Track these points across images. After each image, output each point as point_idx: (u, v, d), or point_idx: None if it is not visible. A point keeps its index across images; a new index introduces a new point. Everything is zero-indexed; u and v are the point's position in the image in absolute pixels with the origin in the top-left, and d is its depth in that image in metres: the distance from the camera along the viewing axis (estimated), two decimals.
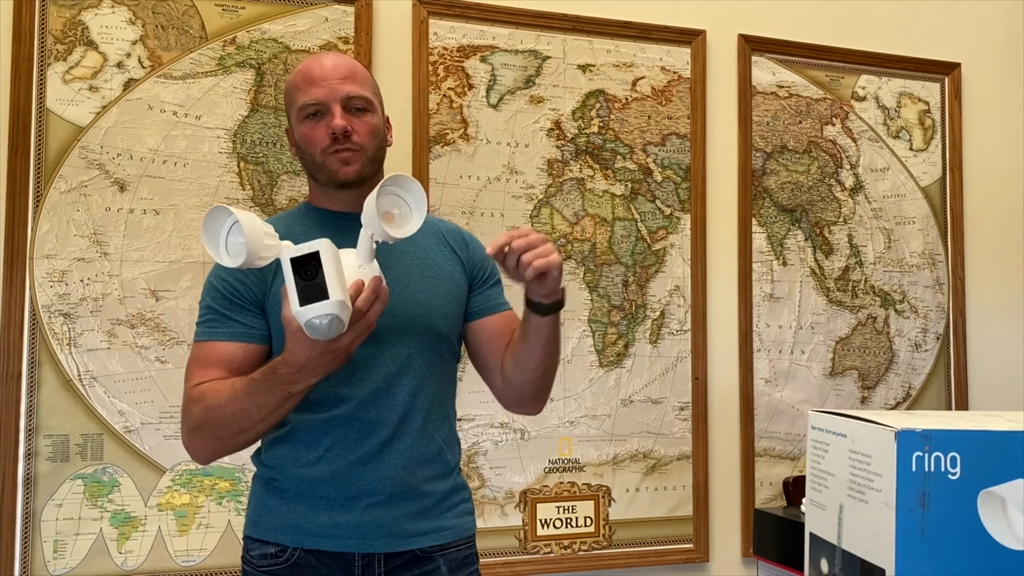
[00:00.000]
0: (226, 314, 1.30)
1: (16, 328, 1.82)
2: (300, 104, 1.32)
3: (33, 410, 1.83)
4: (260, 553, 1.31)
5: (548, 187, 2.21)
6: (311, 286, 1.04)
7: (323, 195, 1.37)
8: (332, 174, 1.32)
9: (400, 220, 1.17)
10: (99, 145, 1.90)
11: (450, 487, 1.37)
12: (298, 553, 1.29)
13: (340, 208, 1.36)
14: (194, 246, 1.94)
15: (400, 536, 1.30)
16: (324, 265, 1.04)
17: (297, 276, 1.05)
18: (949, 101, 2.60)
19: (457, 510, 1.37)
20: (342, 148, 1.30)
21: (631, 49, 2.30)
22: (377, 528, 1.29)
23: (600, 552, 2.21)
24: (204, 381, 1.27)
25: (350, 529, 1.28)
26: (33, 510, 1.82)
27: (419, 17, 2.11)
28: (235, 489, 1.94)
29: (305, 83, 1.32)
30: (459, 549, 1.36)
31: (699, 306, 2.31)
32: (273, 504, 1.32)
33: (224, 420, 1.23)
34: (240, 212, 1.09)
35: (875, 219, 2.52)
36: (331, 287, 1.04)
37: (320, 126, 1.31)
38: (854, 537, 0.72)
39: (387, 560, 1.29)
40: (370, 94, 1.34)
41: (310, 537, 1.28)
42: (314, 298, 1.04)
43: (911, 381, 2.53)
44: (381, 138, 1.36)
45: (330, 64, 1.33)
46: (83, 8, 1.90)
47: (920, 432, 0.67)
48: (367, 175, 1.34)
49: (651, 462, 2.27)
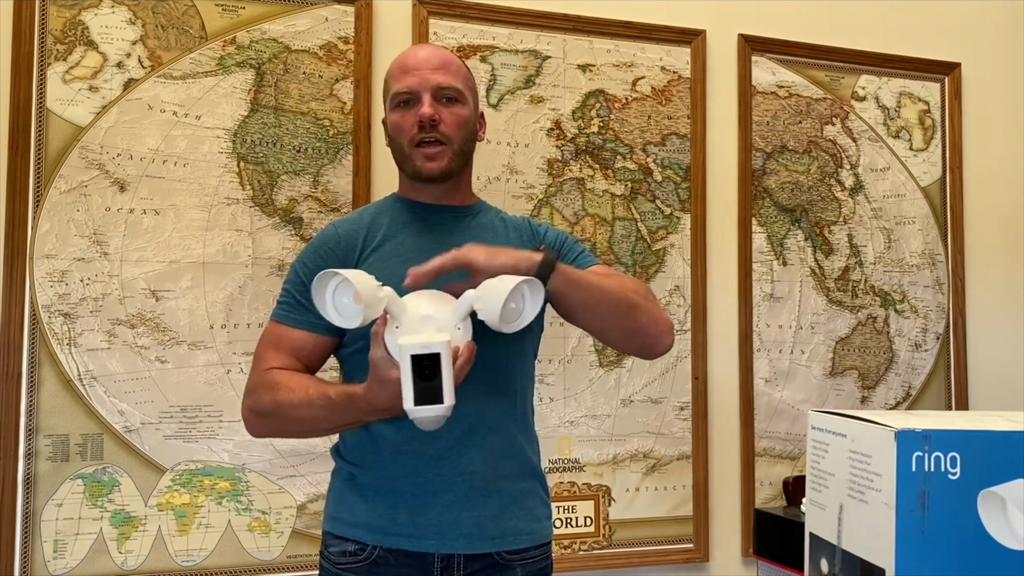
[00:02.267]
0: (302, 302, 1.32)
1: (16, 328, 1.82)
2: (393, 92, 1.34)
3: (33, 410, 1.83)
4: (340, 550, 1.31)
5: (548, 187, 2.21)
6: (428, 387, 1.06)
7: (410, 187, 1.38)
8: (417, 169, 1.33)
9: (510, 313, 1.18)
10: (99, 145, 1.90)
11: (530, 486, 1.35)
12: (378, 552, 1.28)
13: (427, 200, 1.37)
14: (194, 246, 1.94)
15: (479, 537, 1.29)
16: (443, 369, 1.06)
17: (416, 374, 1.06)
18: (949, 101, 2.60)
19: (537, 513, 1.36)
20: (429, 138, 1.31)
21: (631, 49, 2.30)
22: (456, 528, 1.28)
23: (600, 552, 2.21)
24: (276, 367, 1.29)
25: (430, 529, 1.27)
26: (33, 510, 1.82)
27: (419, 17, 2.11)
28: (235, 489, 1.94)
29: (400, 72, 1.33)
30: (536, 560, 1.35)
31: (699, 306, 2.31)
32: (353, 500, 1.31)
33: (293, 420, 1.26)
34: (346, 271, 1.10)
35: (875, 219, 2.52)
36: (446, 393, 1.07)
37: (410, 114, 1.32)
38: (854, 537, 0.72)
39: (466, 563, 1.28)
40: (462, 86, 1.35)
41: (390, 536, 1.28)
42: (429, 400, 1.06)
43: (911, 381, 2.53)
44: (470, 131, 1.36)
45: (424, 54, 1.34)
46: (83, 8, 1.90)
47: (920, 432, 0.67)
48: (453, 170, 1.34)
49: (651, 462, 2.27)
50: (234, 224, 1.97)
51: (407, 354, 1.06)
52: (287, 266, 1.98)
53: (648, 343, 1.32)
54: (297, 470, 1.98)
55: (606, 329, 1.31)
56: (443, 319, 1.14)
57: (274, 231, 2.00)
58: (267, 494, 1.96)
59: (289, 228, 2.01)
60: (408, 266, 1.28)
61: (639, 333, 1.30)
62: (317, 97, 2.04)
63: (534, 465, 1.37)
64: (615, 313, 1.28)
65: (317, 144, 2.03)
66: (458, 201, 1.40)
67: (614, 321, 1.28)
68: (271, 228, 1.99)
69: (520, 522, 1.33)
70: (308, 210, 2.02)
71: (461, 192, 1.40)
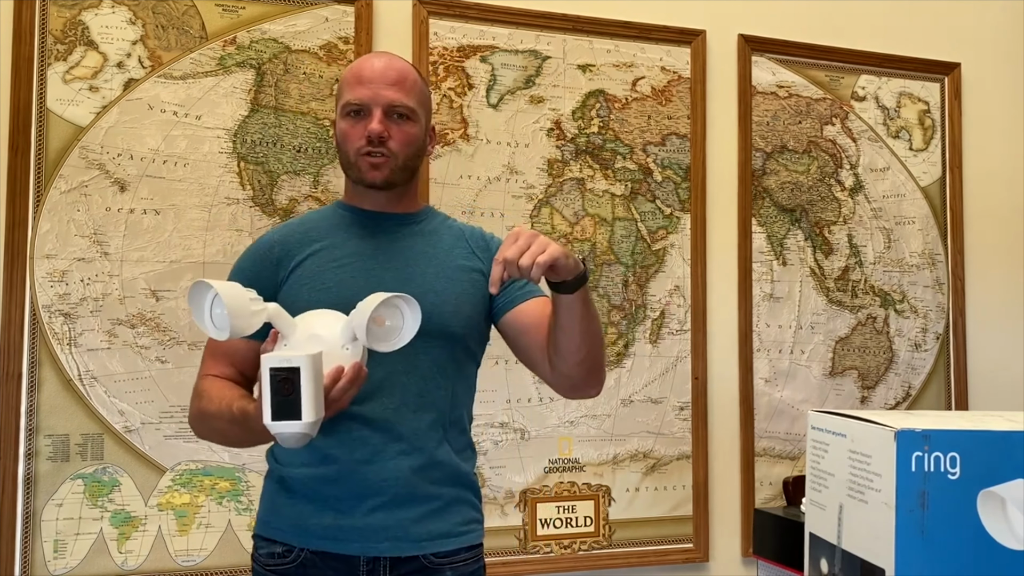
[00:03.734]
0: None
1: (16, 328, 1.82)
2: (344, 100, 1.34)
3: (33, 410, 1.83)
4: (268, 552, 1.32)
5: (548, 187, 2.21)
6: (285, 402, 1.03)
7: (355, 193, 1.39)
8: (361, 176, 1.34)
9: (388, 332, 1.15)
10: (99, 145, 1.90)
11: (458, 493, 1.35)
12: (304, 554, 1.29)
13: (370, 207, 1.38)
14: (194, 246, 1.94)
15: (406, 540, 1.29)
16: (303, 386, 1.03)
17: (273, 388, 1.04)
18: (949, 101, 2.60)
19: (466, 517, 1.36)
20: (375, 152, 1.31)
21: (631, 49, 2.30)
22: (382, 531, 1.28)
23: (600, 552, 2.21)
24: (212, 374, 1.32)
25: (355, 532, 1.27)
26: (33, 510, 1.82)
27: (419, 17, 2.12)
28: (235, 489, 1.94)
29: (354, 81, 1.33)
30: (467, 563, 1.34)
31: (699, 306, 2.31)
32: (281, 503, 1.32)
33: (212, 430, 1.33)
34: (220, 284, 1.08)
35: (875, 219, 2.52)
36: (305, 409, 1.03)
37: (359, 126, 1.32)
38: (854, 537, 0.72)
39: (392, 566, 1.29)
40: (415, 103, 1.35)
41: (316, 538, 1.28)
42: (287, 415, 1.03)
43: (911, 381, 2.54)
44: (417, 148, 1.37)
45: (380, 66, 1.33)
46: (83, 8, 1.90)
47: (920, 432, 0.67)
48: (396, 181, 1.35)
49: (651, 462, 2.27)
50: (234, 224, 1.97)
51: (266, 367, 1.04)
52: None
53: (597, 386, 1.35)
54: None
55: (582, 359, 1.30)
56: (331, 339, 1.12)
57: None
58: None
59: None
60: (345, 270, 1.31)
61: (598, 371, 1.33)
62: (317, 97, 2.04)
63: (464, 473, 1.36)
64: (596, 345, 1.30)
65: (317, 144, 2.03)
66: (402, 208, 1.39)
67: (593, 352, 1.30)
68: (271, 228, 1.99)
69: (448, 525, 1.32)
70: (308, 210, 2.02)
71: (406, 200, 1.40)
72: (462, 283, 1.36)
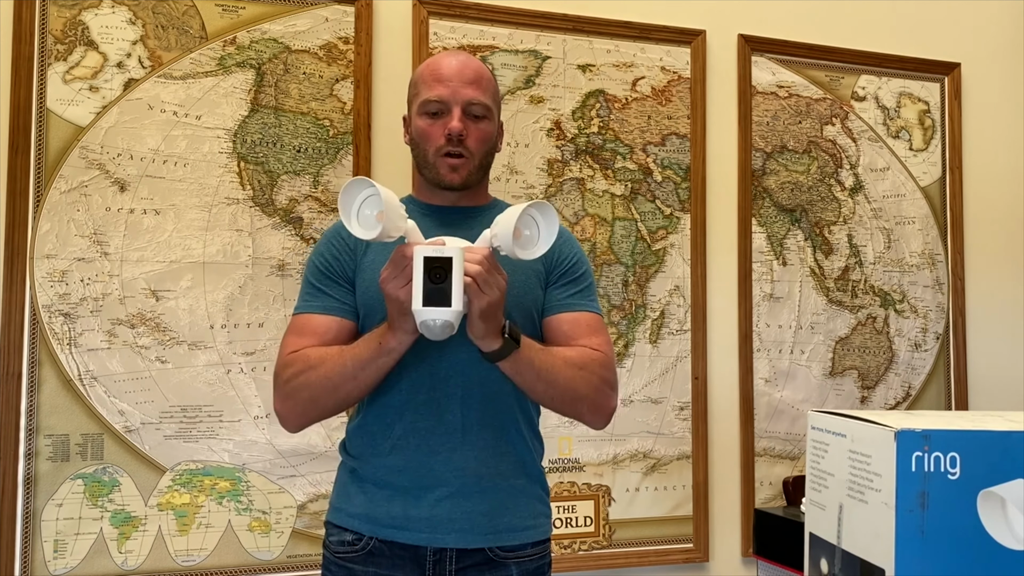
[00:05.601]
0: (322, 288, 1.35)
1: (16, 328, 1.82)
2: (423, 99, 1.34)
3: (33, 410, 1.83)
4: (338, 540, 1.33)
5: (548, 187, 2.21)
6: (437, 290, 1.10)
7: (427, 190, 1.40)
8: (439, 177, 1.35)
9: (526, 241, 1.20)
10: (99, 145, 1.90)
11: (527, 485, 1.36)
12: (373, 543, 1.30)
13: (441, 203, 1.39)
14: (194, 246, 1.94)
15: (472, 532, 1.29)
16: (454, 273, 1.10)
17: (427, 276, 1.10)
18: (949, 101, 2.60)
19: (533, 510, 1.36)
20: (454, 152, 1.33)
21: (631, 49, 2.30)
22: (448, 523, 1.29)
23: (600, 552, 2.21)
24: (298, 349, 1.32)
25: (422, 522, 1.29)
26: (33, 510, 1.82)
27: (419, 17, 2.12)
28: (235, 489, 1.94)
29: (432, 79, 1.34)
30: (532, 558, 1.35)
31: (699, 306, 2.31)
32: (353, 492, 1.34)
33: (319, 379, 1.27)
34: (380, 187, 1.13)
35: (875, 219, 2.52)
36: (455, 296, 1.10)
37: (438, 125, 1.33)
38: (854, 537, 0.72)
39: (459, 558, 1.29)
40: (491, 102, 1.37)
41: (384, 527, 1.30)
42: (437, 302, 1.10)
43: (911, 381, 2.54)
44: (492, 146, 1.39)
45: (458, 64, 1.35)
46: (83, 8, 1.90)
47: (920, 432, 0.67)
48: (472, 183, 1.37)
49: (651, 462, 2.27)
50: (234, 224, 1.97)
51: (420, 255, 1.10)
52: (287, 266, 1.99)
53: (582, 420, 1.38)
54: (297, 470, 1.98)
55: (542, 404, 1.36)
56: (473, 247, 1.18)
57: (274, 231, 2.00)
58: (267, 494, 1.96)
59: (289, 228, 2.01)
60: None
61: (574, 416, 1.38)
62: (317, 97, 2.04)
63: (532, 464, 1.38)
64: (554, 401, 1.33)
65: (317, 144, 2.03)
66: (472, 202, 1.41)
67: (551, 405, 1.34)
68: (271, 228, 1.99)
69: (515, 519, 1.33)
70: (308, 210, 2.02)
71: (476, 194, 1.42)
72: (524, 273, 1.36)
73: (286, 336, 1.36)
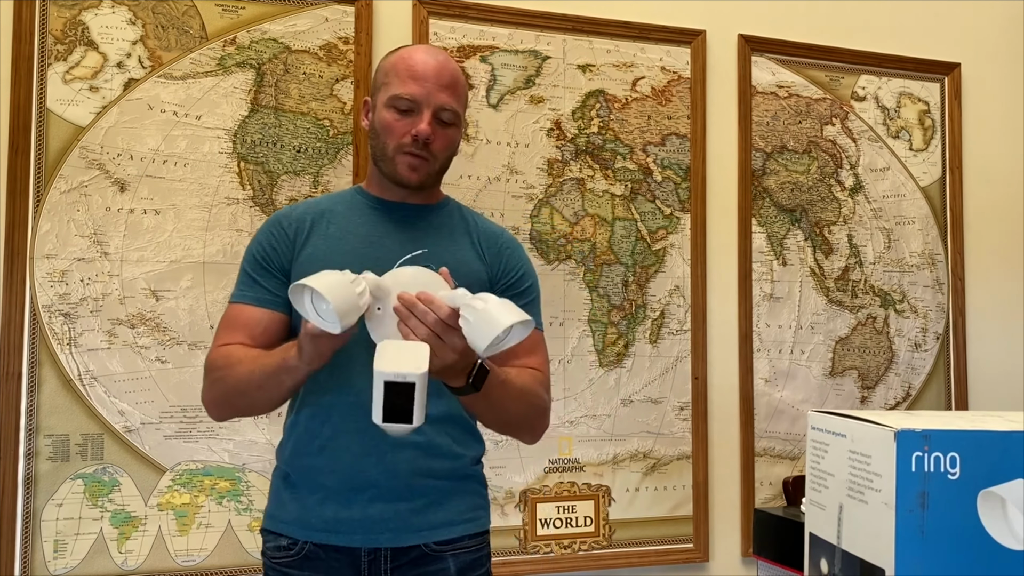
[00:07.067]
0: (256, 279, 1.33)
1: (16, 328, 1.82)
2: (395, 93, 1.31)
3: (33, 410, 1.83)
4: (274, 546, 1.33)
5: (548, 187, 2.21)
6: (399, 409, 1.07)
7: (379, 184, 1.38)
8: (396, 173, 1.33)
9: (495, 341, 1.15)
10: (99, 145, 1.90)
11: (462, 485, 1.35)
12: (308, 547, 1.30)
13: (392, 198, 1.37)
14: (194, 246, 1.94)
15: (406, 530, 1.29)
16: (416, 397, 1.07)
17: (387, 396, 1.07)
18: (949, 101, 2.60)
19: (468, 503, 1.36)
20: (417, 153, 1.31)
21: (631, 49, 2.30)
22: (382, 523, 1.28)
23: (600, 552, 2.21)
24: (227, 343, 1.31)
25: (355, 524, 1.28)
26: (33, 510, 1.82)
27: (419, 17, 2.11)
28: (235, 489, 1.94)
29: (407, 74, 1.31)
30: (470, 550, 1.34)
31: (699, 306, 2.31)
32: (286, 498, 1.33)
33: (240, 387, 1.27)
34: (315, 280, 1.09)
35: (875, 219, 2.52)
36: (417, 416, 1.07)
37: (405, 122, 1.31)
38: (854, 537, 0.72)
39: (393, 556, 1.29)
40: (461, 108, 1.35)
41: (318, 531, 1.29)
42: (398, 419, 1.07)
43: (911, 381, 2.54)
44: (454, 151, 1.38)
45: (436, 65, 1.32)
46: (83, 8, 1.90)
47: (920, 432, 0.67)
48: (428, 184, 1.36)
49: (651, 462, 2.27)
50: (234, 224, 1.97)
51: (381, 380, 1.07)
52: None
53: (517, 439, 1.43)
54: None
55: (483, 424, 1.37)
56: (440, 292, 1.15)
57: None
58: (267, 494, 1.96)
59: None
60: (356, 247, 1.31)
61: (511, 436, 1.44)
62: (317, 97, 2.04)
63: (466, 464, 1.37)
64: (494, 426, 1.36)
65: (317, 144, 2.03)
66: (422, 200, 1.39)
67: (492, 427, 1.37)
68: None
69: (450, 514, 1.33)
70: None
71: (429, 193, 1.40)
72: (466, 278, 1.34)
73: (219, 327, 1.35)
